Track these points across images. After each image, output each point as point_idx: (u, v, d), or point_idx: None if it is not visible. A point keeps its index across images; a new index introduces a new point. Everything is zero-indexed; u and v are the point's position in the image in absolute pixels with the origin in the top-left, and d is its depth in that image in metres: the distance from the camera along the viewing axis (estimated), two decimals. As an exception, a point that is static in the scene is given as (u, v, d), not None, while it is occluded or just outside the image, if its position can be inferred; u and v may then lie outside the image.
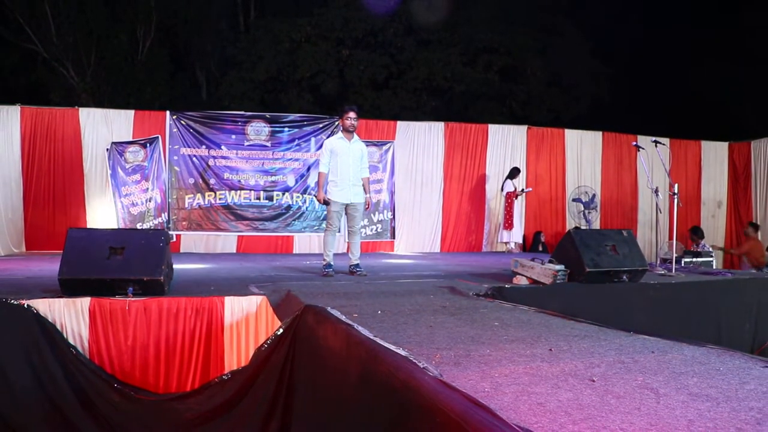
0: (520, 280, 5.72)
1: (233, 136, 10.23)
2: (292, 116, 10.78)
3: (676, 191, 6.63)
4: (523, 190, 10.59)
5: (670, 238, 8.67)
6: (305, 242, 10.55)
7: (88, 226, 9.73)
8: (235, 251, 10.18)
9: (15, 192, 9.55)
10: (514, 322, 3.72)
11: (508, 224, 10.42)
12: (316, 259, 8.69)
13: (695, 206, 12.28)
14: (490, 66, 18.87)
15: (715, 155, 12.30)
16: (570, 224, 11.63)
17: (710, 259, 8.34)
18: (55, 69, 18.32)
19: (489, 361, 2.67)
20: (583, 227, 11.15)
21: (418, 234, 11.07)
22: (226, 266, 7.52)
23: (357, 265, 6.37)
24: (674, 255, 6.63)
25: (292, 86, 18.86)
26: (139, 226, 9.76)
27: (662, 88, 19.82)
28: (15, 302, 4.36)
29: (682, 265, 8.06)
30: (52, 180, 9.71)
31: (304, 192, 10.49)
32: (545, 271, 5.60)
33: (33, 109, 9.76)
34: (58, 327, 4.42)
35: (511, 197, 10.50)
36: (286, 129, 10.45)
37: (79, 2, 17.92)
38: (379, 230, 10.83)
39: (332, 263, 6.30)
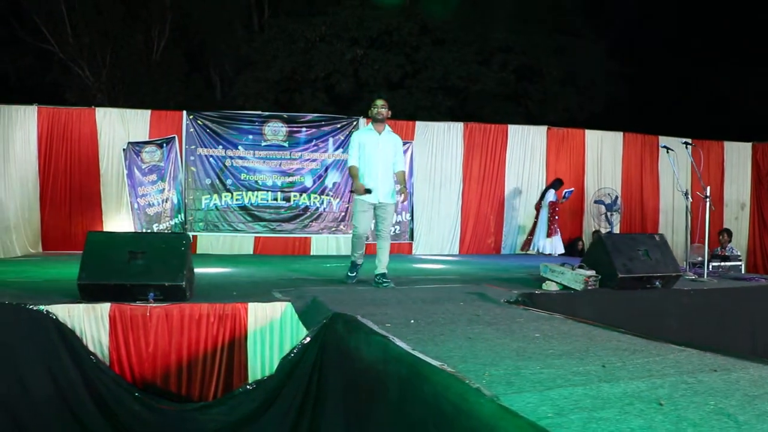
0: (550, 286, 5.53)
1: (250, 136, 10.09)
2: (310, 116, 10.64)
3: (708, 194, 6.41)
4: (565, 195, 10.41)
5: (695, 241, 8.48)
6: (323, 243, 10.39)
7: (104, 227, 9.66)
8: (251, 252, 10.04)
9: (32, 192, 9.46)
10: (555, 333, 3.55)
11: (552, 233, 10.16)
12: (335, 261, 8.56)
13: (718, 208, 12.01)
14: (506, 65, 18.66)
15: (738, 156, 12.04)
16: (588, 227, 11.43)
17: (738, 263, 8.12)
18: (71, 69, 18.30)
19: (542, 380, 2.50)
20: (604, 230, 10.95)
21: (437, 235, 10.90)
22: (245, 269, 7.38)
23: (383, 275, 5.73)
24: (706, 260, 6.42)
25: (306, 86, 18.71)
26: (155, 227, 9.65)
27: (679, 87, 19.55)
28: (34, 308, 4.23)
29: (710, 269, 7.83)
30: (68, 180, 9.61)
31: (322, 193, 10.35)
32: (576, 276, 5.42)
33: (50, 109, 9.68)
34: (78, 333, 4.30)
35: (554, 206, 10.26)
36: (304, 129, 10.30)
37: (96, 2, 17.88)
38: (397, 231, 10.66)
39: (358, 263, 5.98)
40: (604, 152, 11.56)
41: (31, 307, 4.24)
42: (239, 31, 20.01)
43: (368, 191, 5.73)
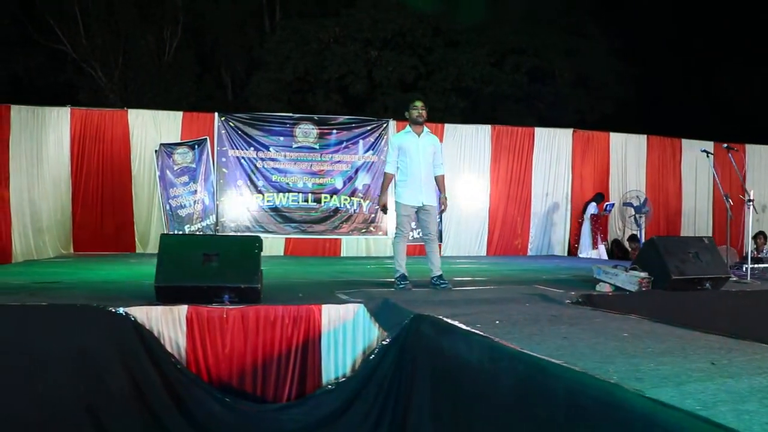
0: (604, 287, 5.61)
1: (281, 138, 10.17)
2: (341, 118, 10.72)
3: (751, 197, 6.50)
4: (606, 209, 10.60)
5: (732, 244, 8.59)
6: (353, 245, 10.47)
7: (135, 228, 9.73)
8: (282, 254, 10.12)
9: (64, 193, 9.51)
10: (641, 333, 3.61)
11: (596, 244, 10.46)
12: (370, 262, 8.65)
13: (739, 209, 12.10)
14: (518, 67, 18.78)
15: (760, 159, 12.18)
16: (615, 228, 11.54)
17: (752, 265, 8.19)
18: (83, 69, 18.32)
19: (667, 376, 2.56)
20: (632, 232, 11.06)
21: (465, 237, 10.99)
22: (283, 270, 7.43)
23: (440, 277, 5.73)
24: (749, 262, 6.51)
25: (319, 87, 18.80)
26: (186, 228, 9.71)
27: (689, 89, 19.67)
28: (114, 310, 4.29)
29: (743, 271, 7.93)
30: (100, 181, 9.68)
31: (352, 194, 10.43)
32: (631, 278, 5.50)
33: (82, 110, 9.74)
34: (155, 335, 4.36)
35: (596, 219, 10.52)
36: (334, 131, 10.38)
37: (108, 3, 17.91)
38: (425, 233, 10.73)
39: (407, 274, 5.79)
40: (628, 155, 11.67)
41: (111, 309, 4.29)
42: (251, 32, 20.10)
43: (385, 210, 5.97)
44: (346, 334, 4.67)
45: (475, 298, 5.01)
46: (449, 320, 3.77)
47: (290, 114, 10.72)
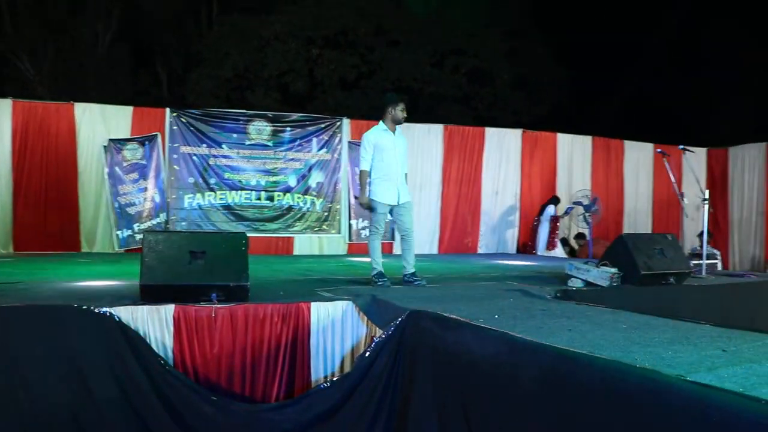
0: (576, 282, 5.78)
1: (234, 135, 9.98)
2: (294, 116, 10.61)
3: (707, 197, 6.81)
4: (566, 211, 10.96)
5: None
6: (306, 244, 10.39)
7: (81, 226, 9.36)
8: (235, 252, 9.90)
9: (4, 189, 9.03)
10: (638, 324, 3.73)
11: (553, 246, 10.88)
12: (331, 261, 8.60)
13: (676, 209, 12.71)
14: (458, 68, 19.07)
15: (694, 161, 12.75)
16: (562, 227, 11.85)
17: (716, 261, 8.62)
18: (10, 61, 17.46)
19: (692, 362, 2.67)
20: (580, 230, 11.42)
21: (417, 236, 10.85)
22: (255, 269, 7.28)
23: (414, 274, 5.77)
24: (704, 258, 6.83)
25: (259, 85, 18.56)
26: (135, 226, 9.40)
27: (621, 91, 20.38)
28: (98, 310, 4.12)
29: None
30: (44, 177, 9.23)
31: (305, 193, 10.34)
32: (602, 273, 5.69)
33: (25, 102, 9.29)
34: (141, 336, 4.21)
35: (556, 221, 11.01)
36: (288, 129, 10.27)
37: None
38: (378, 232, 10.76)
39: (384, 272, 5.74)
40: (574, 155, 12.04)
41: (95, 309, 4.12)
42: (189, 27, 19.63)
43: (370, 208, 5.78)
44: (335, 331, 4.65)
45: (458, 295, 5.06)
46: (456, 316, 3.81)
47: (244, 111, 10.53)
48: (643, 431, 2.43)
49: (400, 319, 4.16)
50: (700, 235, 10.30)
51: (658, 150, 7.65)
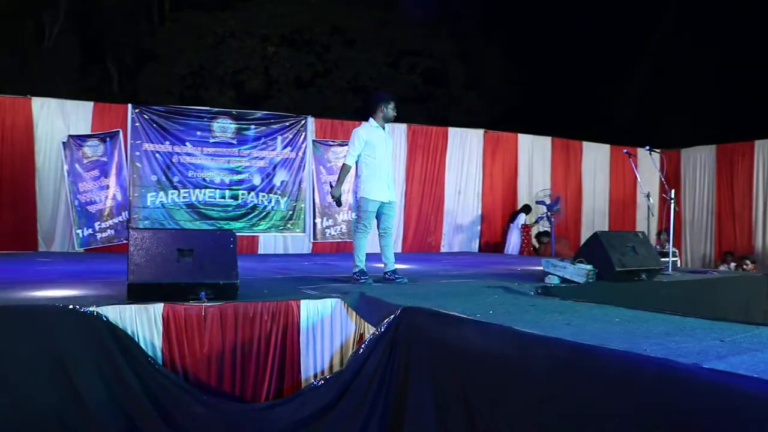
0: (553, 279, 5.89)
1: (198, 133, 9.80)
2: (259, 114, 10.48)
3: (672, 196, 7.04)
4: (536, 221, 11.31)
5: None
6: (270, 243, 10.30)
7: (38, 225, 9.06)
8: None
9: (-45, 187, 8.67)
10: (629, 318, 3.83)
11: (523, 252, 11.25)
12: (303, 259, 8.56)
13: (631, 209, 13.12)
14: (414, 69, 19.20)
15: (648, 162, 13.11)
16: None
17: (676, 259, 8.94)
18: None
19: (699, 351, 2.79)
20: (543, 229, 11.64)
21: (381, 234, 11.06)
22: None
23: (394, 272, 5.78)
24: (671, 256, 7.06)
25: (214, 82, 18.30)
26: (96, 225, 9.16)
27: (569, 94, 20.73)
28: (84, 309, 4.00)
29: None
30: (-1, 174, 8.89)
31: (270, 191, 10.24)
32: (579, 270, 5.81)
33: (-23, 96, 8.92)
34: (130, 335, 4.12)
35: (528, 229, 11.37)
36: (253, 127, 10.15)
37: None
38: (343, 230, 10.76)
39: (366, 270, 5.75)
40: (534, 155, 12.26)
41: (80, 308, 4.01)
42: (142, 22, 19.18)
43: (339, 203, 5.88)
44: (324, 328, 4.63)
45: (444, 292, 5.11)
46: (457, 313, 3.84)
47: (208, 108, 10.35)
48: (663, 419, 2.51)
49: (393, 316, 4.17)
50: (659, 233, 10.68)
51: (624, 151, 7.84)
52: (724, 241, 12.04)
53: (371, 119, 5.83)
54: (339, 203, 5.93)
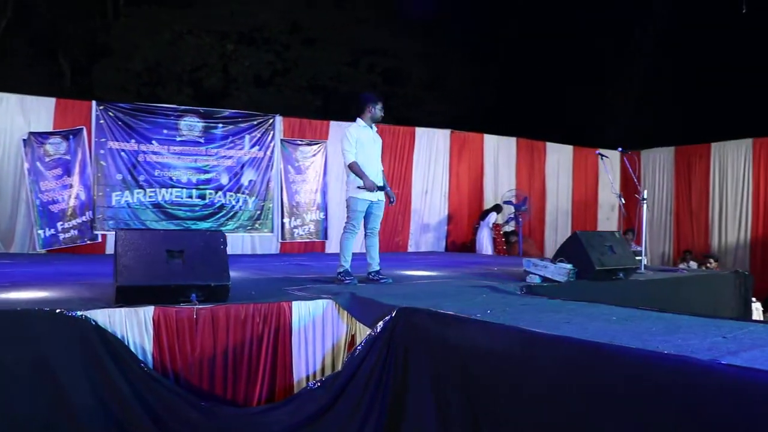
0: (534, 279, 5.96)
1: (165, 131, 9.59)
2: (226, 112, 10.31)
3: (644, 197, 7.19)
4: (507, 221, 11.37)
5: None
6: (238, 243, 10.11)
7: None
8: (165, 252, 9.52)
9: None
10: (625, 316, 3.88)
11: (501, 251, 11.33)
12: (275, 260, 8.47)
13: (593, 209, 13.38)
14: (374, 68, 19.21)
15: (609, 163, 13.40)
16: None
17: (641, 257, 9.11)
18: None
19: (710, 348, 2.85)
20: (509, 229, 11.77)
21: (349, 234, 11.02)
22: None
23: (378, 272, 5.77)
24: (644, 255, 7.21)
25: (171, 79, 17.97)
26: (59, 225, 8.87)
27: (532, 94, 20.98)
28: (72, 314, 3.87)
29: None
30: (-47, 172, 8.53)
31: (238, 191, 10.09)
32: (560, 270, 5.89)
33: (-68, 91, 8.54)
34: (120, 339, 4.00)
35: (499, 229, 11.47)
36: (220, 125, 9.98)
37: None
38: (311, 230, 10.69)
39: (351, 270, 5.70)
40: (500, 156, 12.39)
41: (68, 313, 3.87)
42: (95, 16, 18.64)
43: (381, 188, 5.73)
44: (316, 330, 4.59)
45: (434, 292, 5.12)
46: (456, 313, 3.84)
47: (174, 106, 10.13)
48: (683, 415, 2.55)
49: (389, 316, 4.15)
50: (626, 233, 10.90)
51: (597, 152, 7.99)
52: (682, 239, 12.40)
53: (359, 119, 5.86)
54: (381, 188, 5.78)
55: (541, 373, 3.15)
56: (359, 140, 5.74)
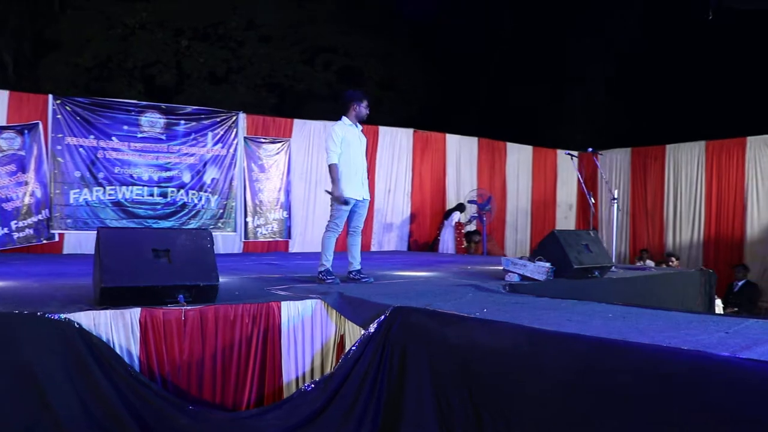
0: (513, 277, 5.98)
1: (125, 127, 9.28)
2: (189, 108, 10.03)
3: (616, 196, 7.31)
4: (470, 220, 11.68)
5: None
6: (200, 243, 9.88)
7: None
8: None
9: None
10: (622, 314, 3.94)
11: (459, 249, 11.42)
12: (244, 259, 8.30)
13: (551, 208, 13.57)
14: (329, 66, 19.09)
15: (567, 163, 13.63)
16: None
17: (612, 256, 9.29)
18: None
19: (720, 343, 2.91)
20: (472, 228, 11.82)
21: (313, 233, 10.88)
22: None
23: (359, 271, 5.71)
24: (614, 252, 7.33)
25: (122, 75, 17.47)
26: (13, 224, 8.48)
27: (485, 95, 21.18)
28: (54, 316, 3.69)
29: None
30: None
31: (200, 189, 9.85)
32: (539, 268, 5.93)
33: None
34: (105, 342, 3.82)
35: (461, 228, 11.51)
36: (182, 122, 9.72)
37: None
38: (275, 229, 10.52)
39: (332, 270, 5.59)
40: (462, 155, 12.44)
41: (49, 316, 3.69)
42: (42, 8, 17.96)
43: (346, 202, 5.60)
44: (305, 330, 4.49)
45: (422, 291, 5.07)
46: (456, 312, 3.81)
47: (135, 101, 9.83)
48: (699, 410, 2.56)
49: (383, 316, 4.09)
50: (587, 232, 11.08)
51: (566, 152, 8.08)
52: (638, 239, 12.71)
53: (344, 118, 5.77)
54: (346, 203, 5.63)
55: (552, 371, 3.13)
56: (345, 139, 5.64)
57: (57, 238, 8.78)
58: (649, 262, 11.23)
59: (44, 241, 8.67)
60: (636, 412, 2.76)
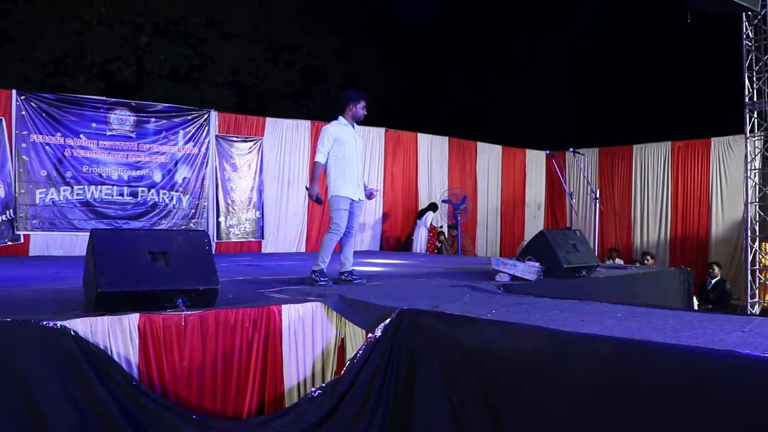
0: (503, 277, 5.96)
1: (94, 124, 8.97)
2: (160, 106, 9.77)
3: (597, 196, 7.35)
4: (441, 226, 11.84)
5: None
6: (172, 243, 9.62)
7: None
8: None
9: None
10: (628, 313, 3.93)
11: (432, 249, 11.45)
12: (219, 260, 8.07)
13: (520, 207, 13.66)
14: (291, 65, 18.91)
15: (536, 163, 13.77)
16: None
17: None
18: None
19: (742, 342, 2.90)
20: (445, 228, 11.83)
21: (286, 233, 10.78)
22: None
23: (351, 273, 5.64)
24: (596, 251, 7.38)
25: (80, 71, 16.96)
26: (-24, 225, 8.13)
27: (440, 93, 21.22)
28: (48, 323, 3.50)
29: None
30: None
31: (172, 189, 9.60)
32: (529, 268, 5.93)
33: None
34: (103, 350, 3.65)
35: (435, 230, 11.53)
36: (153, 119, 9.45)
37: None
38: (247, 229, 10.32)
39: (326, 271, 5.47)
40: (433, 155, 12.42)
41: (42, 323, 3.49)
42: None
43: (320, 201, 5.66)
44: (306, 334, 4.38)
45: (421, 291, 5.01)
46: (470, 314, 3.75)
47: (104, 98, 9.50)
48: (738, 410, 2.55)
49: (389, 319, 4.01)
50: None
51: (547, 152, 8.11)
52: (606, 238, 12.87)
53: (340, 118, 5.68)
54: (320, 202, 5.68)
55: (575, 372, 3.09)
56: (339, 139, 5.55)
57: (22, 240, 8.44)
58: (619, 261, 11.40)
59: (9, 243, 8.31)
60: (669, 413, 2.73)
